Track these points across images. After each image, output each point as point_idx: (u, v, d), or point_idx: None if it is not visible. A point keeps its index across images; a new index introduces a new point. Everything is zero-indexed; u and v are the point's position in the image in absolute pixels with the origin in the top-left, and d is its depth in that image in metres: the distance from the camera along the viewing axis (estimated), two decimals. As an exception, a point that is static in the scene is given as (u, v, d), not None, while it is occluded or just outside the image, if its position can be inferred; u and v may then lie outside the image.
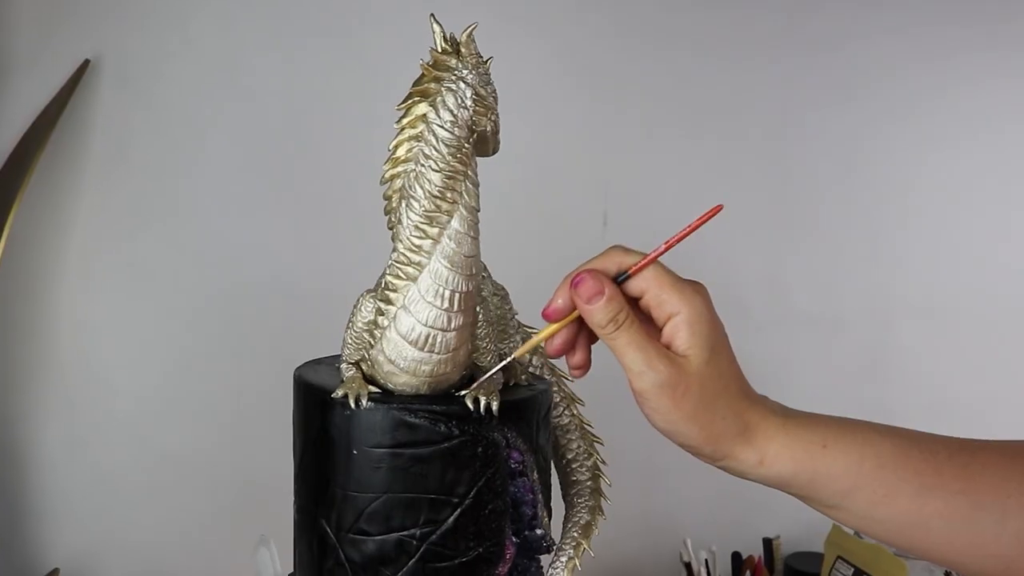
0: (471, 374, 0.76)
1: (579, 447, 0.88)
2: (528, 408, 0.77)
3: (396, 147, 0.73)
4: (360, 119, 1.61)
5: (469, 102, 0.69)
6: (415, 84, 0.70)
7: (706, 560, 1.41)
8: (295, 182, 1.64)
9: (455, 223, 0.71)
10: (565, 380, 0.88)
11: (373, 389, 0.74)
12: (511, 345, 0.80)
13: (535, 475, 0.78)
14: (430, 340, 0.71)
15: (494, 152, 0.76)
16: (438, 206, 0.71)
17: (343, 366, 0.80)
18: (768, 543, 1.47)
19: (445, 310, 0.70)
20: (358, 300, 0.77)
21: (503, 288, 0.84)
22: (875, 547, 1.30)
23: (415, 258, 0.71)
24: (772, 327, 1.56)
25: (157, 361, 1.73)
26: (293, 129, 1.64)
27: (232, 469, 1.72)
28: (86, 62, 1.61)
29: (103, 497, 1.77)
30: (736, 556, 1.47)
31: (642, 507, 1.56)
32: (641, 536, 1.56)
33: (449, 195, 0.71)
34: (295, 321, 1.67)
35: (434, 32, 0.70)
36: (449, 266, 0.71)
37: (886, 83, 1.52)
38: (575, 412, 0.89)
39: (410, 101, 0.71)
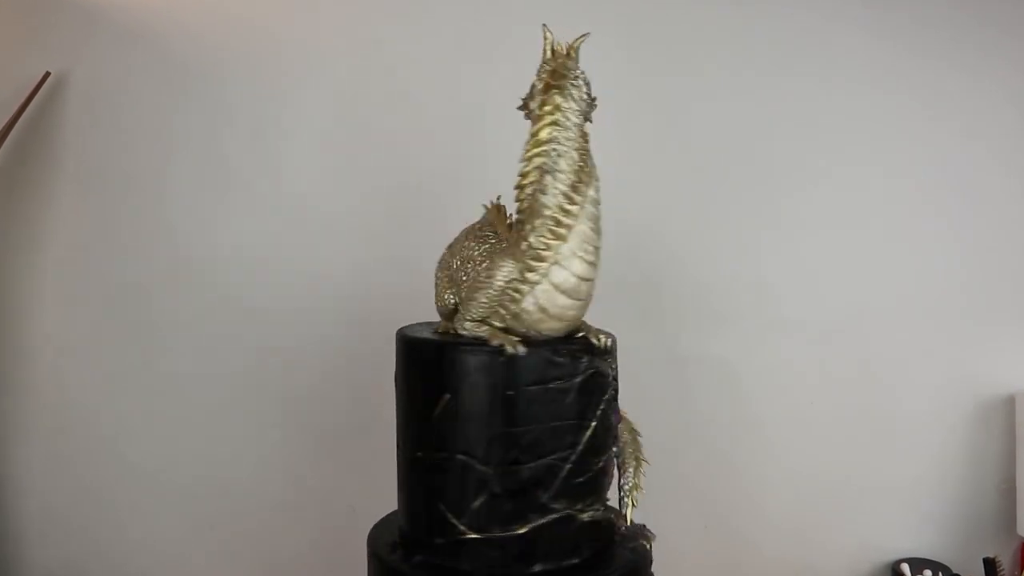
0: None
1: None
2: (616, 348, 0.97)
3: (538, 131, 0.89)
4: (329, 131, 1.59)
5: (586, 95, 0.90)
6: (551, 79, 0.89)
7: None
8: (263, 195, 1.62)
9: (591, 192, 0.89)
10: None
11: (515, 338, 0.90)
12: None
13: (617, 401, 0.98)
14: (578, 288, 0.89)
15: None
16: (580, 178, 0.88)
17: (469, 324, 0.93)
18: (990, 563, 1.40)
19: (591, 263, 0.90)
20: (495, 264, 0.91)
21: None
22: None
23: (565, 221, 0.88)
24: (762, 334, 1.53)
25: (134, 380, 1.69)
26: (259, 142, 1.61)
27: (209, 484, 1.69)
28: (47, 74, 1.57)
29: (85, 514, 1.74)
30: None
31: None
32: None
33: (586, 168, 0.89)
34: (271, 336, 1.64)
35: (545, 39, 0.91)
36: (592, 227, 0.89)
37: (874, 94, 1.49)
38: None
39: (547, 94, 0.88)
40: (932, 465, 1.51)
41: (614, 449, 0.99)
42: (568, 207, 0.87)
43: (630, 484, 1.03)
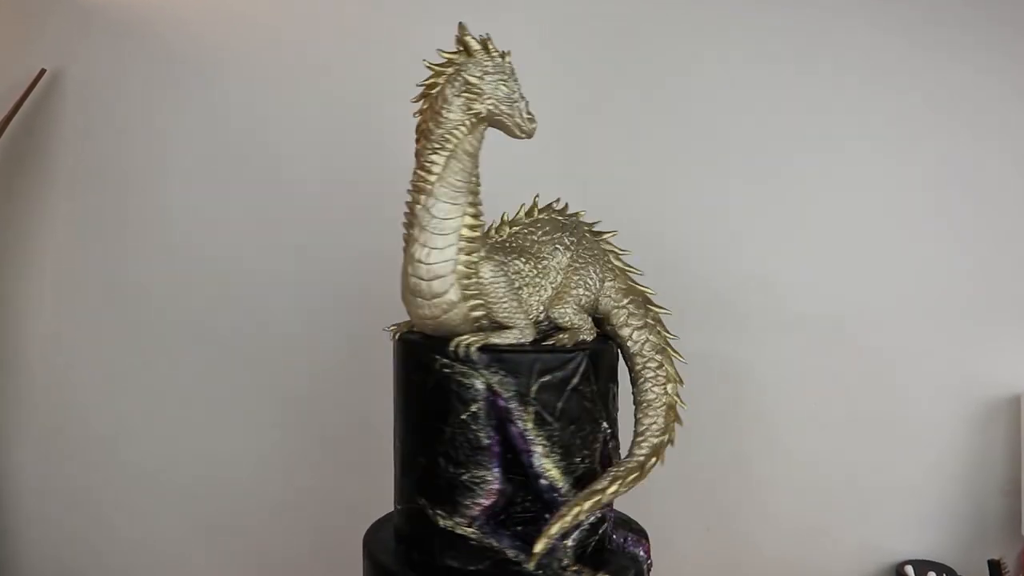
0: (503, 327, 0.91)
1: (653, 424, 0.97)
2: (519, 364, 0.89)
3: (416, 128, 0.91)
4: (327, 129, 1.58)
5: (460, 89, 0.86)
6: (426, 80, 0.89)
7: None
8: (261, 194, 1.61)
9: (437, 191, 0.87)
10: (675, 359, 1.00)
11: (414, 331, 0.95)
12: (564, 310, 0.94)
13: (529, 426, 0.88)
14: (418, 287, 0.88)
15: (525, 135, 0.88)
16: (422, 177, 0.88)
17: None
18: (995, 565, 1.39)
19: (421, 262, 0.87)
20: None
21: (585, 256, 0.98)
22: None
23: (412, 221, 0.89)
24: (763, 334, 1.52)
25: (134, 380, 1.68)
26: (257, 140, 1.59)
27: (209, 484, 1.68)
28: (42, 71, 1.56)
29: (85, 514, 1.73)
30: None
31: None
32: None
33: (433, 167, 0.87)
34: (271, 337, 1.63)
35: (459, 37, 0.88)
36: (432, 231, 0.87)
37: (877, 94, 1.48)
38: (668, 391, 0.98)
39: (423, 90, 0.89)
40: (936, 466, 1.50)
41: (540, 480, 0.87)
42: (411, 206, 0.90)
43: (570, 505, 0.88)
